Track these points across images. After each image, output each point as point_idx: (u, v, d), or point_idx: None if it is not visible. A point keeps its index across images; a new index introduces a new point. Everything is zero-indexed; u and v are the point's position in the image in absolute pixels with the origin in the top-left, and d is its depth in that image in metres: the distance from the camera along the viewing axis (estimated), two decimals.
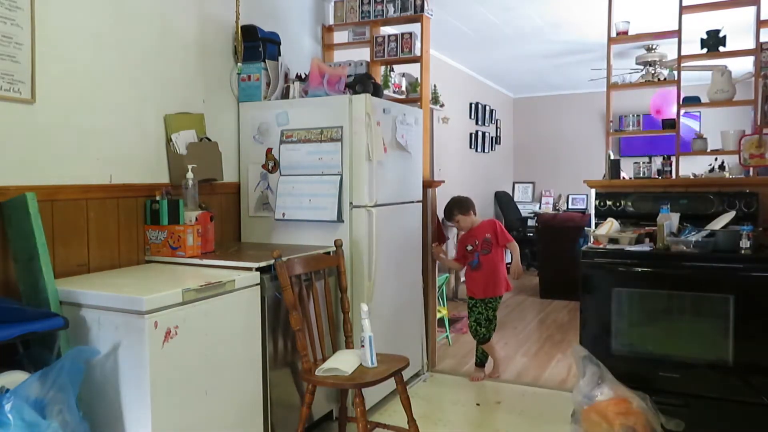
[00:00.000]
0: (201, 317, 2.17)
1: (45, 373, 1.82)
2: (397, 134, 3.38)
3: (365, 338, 2.51)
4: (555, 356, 4.42)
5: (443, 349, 4.57)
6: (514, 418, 3.29)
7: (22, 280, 2.14)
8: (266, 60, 3.35)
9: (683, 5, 3.65)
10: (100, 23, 2.55)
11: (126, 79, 2.67)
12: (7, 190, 2.16)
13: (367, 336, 2.51)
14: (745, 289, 2.68)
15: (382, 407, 3.29)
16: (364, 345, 2.52)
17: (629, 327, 2.89)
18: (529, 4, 4.95)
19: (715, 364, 2.73)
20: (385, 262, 3.25)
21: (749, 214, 3.11)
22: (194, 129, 2.98)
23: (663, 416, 2.67)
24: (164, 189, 2.75)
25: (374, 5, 3.99)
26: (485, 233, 3.93)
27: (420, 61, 3.96)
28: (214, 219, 2.84)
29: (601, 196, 3.50)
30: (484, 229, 3.96)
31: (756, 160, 3.39)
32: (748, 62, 3.77)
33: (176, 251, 2.64)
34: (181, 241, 2.62)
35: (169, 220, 2.67)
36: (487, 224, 4.00)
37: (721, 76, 3.65)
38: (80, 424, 1.87)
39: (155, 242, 2.70)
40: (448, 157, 6.92)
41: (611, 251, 2.94)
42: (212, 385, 2.22)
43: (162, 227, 2.67)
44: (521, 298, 6.46)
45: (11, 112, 2.21)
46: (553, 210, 8.91)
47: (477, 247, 3.93)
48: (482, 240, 3.92)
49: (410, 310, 3.67)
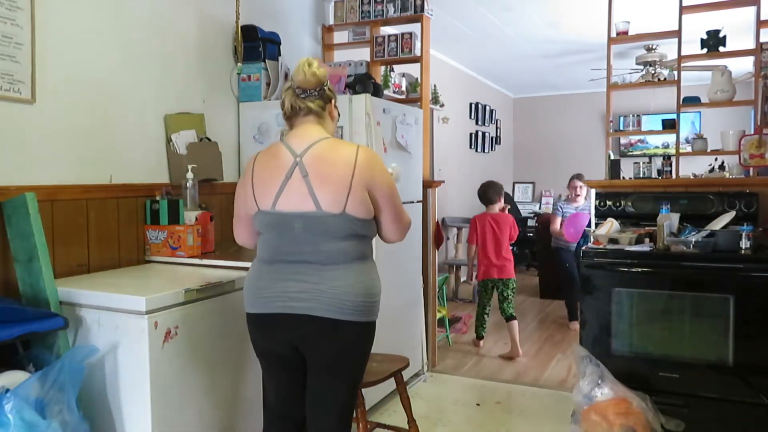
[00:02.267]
0: (201, 317, 2.17)
1: (45, 373, 1.82)
2: (397, 134, 3.38)
3: None
4: (555, 356, 4.42)
5: (443, 349, 4.57)
6: (514, 418, 3.29)
7: (22, 280, 2.14)
8: (266, 60, 3.35)
9: (683, 5, 3.65)
10: (100, 23, 2.55)
11: (126, 79, 2.67)
12: (7, 190, 2.16)
13: None
14: (745, 289, 2.68)
15: (382, 407, 3.29)
16: None
17: (629, 327, 2.89)
18: (529, 4, 4.95)
19: (715, 365, 2.73)
20: (384, 262, 3.24)
21: (749, 214, 3.10)
22: (194, 129, 2.98)
23: (663, 416, 2.67)
24: (164, 189, 2.75)
25: (374, 5, 3.99)
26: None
27: (420, 61, 3.96)
28: (214, 219, 2.84)
29: (601, 196, 3.50)
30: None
31: (756, 160, 3.39)
32: (748, 62, 3.77)
33: (176, 251, 2.63)
34: (181, 241, 2.62)
35: (169, 220, 2.67)
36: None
37: (721, 76, 3.65)
38: (80, 424, 1.87)
39: (155, 242, 2.69)
40: (448, 157, 6.92)
41: (611, 251, 2.94)
42: (212, 385, 2.22)
43: (162, 227, 2.67)
44: (521, 298, 6.46)
45: (11, 112, 2.21)
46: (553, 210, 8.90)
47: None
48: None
49: (410, 310, 3.67)
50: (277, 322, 1.86)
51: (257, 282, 1.90)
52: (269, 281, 1.86)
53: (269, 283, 1.86)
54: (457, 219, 6.98)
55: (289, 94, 1.91)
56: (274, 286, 1.85)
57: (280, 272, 1.86)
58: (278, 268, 1.86)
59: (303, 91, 1.89)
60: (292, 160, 1.85)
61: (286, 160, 1.85)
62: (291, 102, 1.90)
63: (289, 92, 1.91)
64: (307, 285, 1.81)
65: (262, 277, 1.89)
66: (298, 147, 1.87)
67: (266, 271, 1.89)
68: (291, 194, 1.82)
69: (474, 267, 5.14)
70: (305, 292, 1.81)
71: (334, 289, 1.80)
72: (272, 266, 1.88)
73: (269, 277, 1.87)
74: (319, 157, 1.84)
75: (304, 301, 1.81)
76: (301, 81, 1.88)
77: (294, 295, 1.82)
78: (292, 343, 1.88)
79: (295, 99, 1.90)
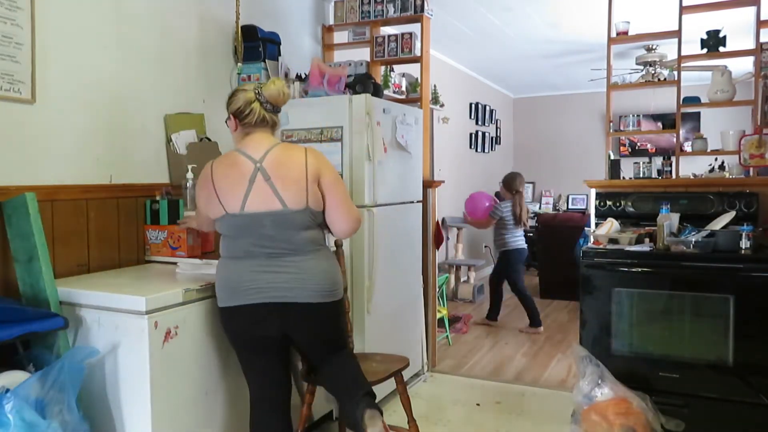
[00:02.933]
0: (201, 317, 2.17)
1: (45, 373, 1.82)
2: (397, 134, 3.38)
3: None
4: (555, 356, 4.42)
5: (443, 349, 4.57)
6: (514, 418, 3.29)
7: (22, 280, 2.14)
8: (266, 60, 3.35)
9: (683, 5, 3.65)
10: (100, 23, 2.55)
11: (126, 79, 2.67)
12: (7, 190, 2.17)
13: None
14: (745, 289, 2.68)
15: (382, 407, 3.27)
16: None
17: (629, 327, 2.89)
18: (529, 4, 4.95)
19: (715, 365, 2.73)
20: (385, 262, 3.25)
21: (749, 214, 3.10)
22: (194, 129, 2.98)
23: (663, 416, 2.67)
24: (164, 189, 2.75)
25: (374, 5, 3.99)
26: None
27: (420, 61, 3.96)
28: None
29: (601, 196, 3.50)
30: None
31: (756, 160, 3.39)
32: (748, 62, 3.77)
33: (176, 251, 2.63)
34: (181, 241, 2.62)
35: (169, 220, 2.67)
36: None
37: (721, 76, 3.65)
38: (80, 424, 1.87)
39: (155, 242, 2.69)
40: (448, 157, 6.92)
41: (611, 251, 2.94)
42: (212, 385, 2.22)
43: (162, 227, 2.67)
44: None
45: (11, 112, 2.21)
46: (553, 210, 8.91)
47: None
48: None
49: (410, 310, 3.67)
50: (267, 311, 2.08)
51: (237, 276, 2.08)
52: (250, 274, 2.07)
53: (251, 275, 2.06)
54: (457, 219, 6.97)
55: (257, 107, 2.13)
56: (257, 278, 2.06)
57: (259, 265, 2.07)
58: (256, 263, 2.07)
59: (273, 107, 2.16)
60: (252, 166, 2.09)
61: (247, 167, 2.09)
62: (259, 114, 2.13)
63: (257, 104, 2.13)
64: (289, 276, 2.07)
65: (239, 271, 2.08)
66: (256, 153, 2.10)
67: (243, 266, 2.08)
68: (257, 196, 2.06)
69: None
70: (289, 282, 2.07)
71: (312, 278, 2.09)
72: (248, 261, 2.08)
73: (249, 271, 2.07)
74: (277, 162, 2.09)
75: (290, 290, 2.07)
76: (274, 98, 2.14)
77: (280, 285, 2.06)
78: (281, 328, 2.12)
79: (263, 112, 2.14)
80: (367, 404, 2.07)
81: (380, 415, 2.07)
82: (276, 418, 2.21)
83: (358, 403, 2.07)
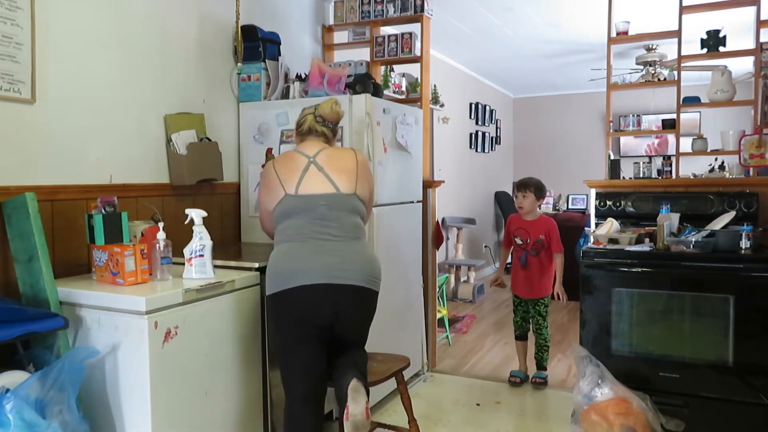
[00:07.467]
0: (201, 317, 2.17)
1: (45, 373, 1.82)
2: (397, 134, 3.38)
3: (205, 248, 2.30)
4: (555, 356, 4.42)
5: (443, 349, 4.57)
6: (514, 418, 3.29)
7: (22, 280, 2.14)
8: (266, 60, 3.35)
9: (683, 5, 3.65)
10: (100, 23, 2.55)
11: (126, 79, 2.67)
12: (7, 190, 2.17)
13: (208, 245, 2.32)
14: (745, 289, 2.68)
15: (383, 407, 3.29)
16: (203, 255, 2.29)
17: (629, 327, 2.89)
18: (529, 4, 4.95)
19: (715, 364, 2.73)
20: (385, 262, 3.24)
21: (749, 214, 3.11)
22: (194, 129, 2.98)
23: (663, 416, 2.67)
24: (102, 200, 2.25)
25: (374, 5, 3.99)
26: (540, 233, 3.71)
27: (420, 61, 3.96)
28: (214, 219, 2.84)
29: (601, 196, 3.50)
30: (540, 227, 3.73)
31: (756, 160, 3.40)
32: (748, 62, 3.77)
33: (116, 277, 2.14)
34: (119, 266, 2.11)
35: (107, 239, 2.18)
36: (544, 223, 3.76)
37: (721, 76, 3.65)
38: (80, 424, 1.87)
39: (99, 265, 2.21)
40: (448, 157, 6.92)
41: (611, 251, 2.94)
42: (212, 385, 2.22)
43: (102, 247, 2.18)
44: None
45: (11, 112, 2.21)
46: (553, 210, 8.90)
47: (527, 246, 3.74)
48: (535, 240, 3.71)
49: (410, 310, 3.67)
50: (323, 292, 2.17)
51: (291, 259, 2.20)
52: (306, 256, 2.20)
53: (306, 257, 2.19)
54: (457, 219, 6.97)
55: (310, 118, 2.43)
56: (313, 260, 2.19)
57: (313, 247, 2.21)
58: (309, 245, 2.22)
59: (323, 121, 2.43)
60: (306, 160, 2.34)
61: (301, 160, 2.34)
62: (311, 124, 2.43)
63: (311, 117, 2.43)
64: (342, 258, 2.21)
65: (294, 254, 2.21)
66: (309, 152, 2.37)
67: (297, 249, 2.21)
68: (311, 181, 2.29)
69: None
70: (343, 263, 2.20)
71: (361, 262, 2.24)
72: (303, 244, 2.22)
73: (305, 253, 2.20)
74: (328, 156, 2.36)
75: (343, 272, 2.19)
76: (326, 113, 2.43)
77: (334, 266, 2.18)
78: (333, 308, 2.20)
79: (315, 123, 2.43)
80: (355, 375, 2.10)
81: (365, 394, 2.09)
82: (314, 412, 2.22)
83: (346, 373, 2.12)
